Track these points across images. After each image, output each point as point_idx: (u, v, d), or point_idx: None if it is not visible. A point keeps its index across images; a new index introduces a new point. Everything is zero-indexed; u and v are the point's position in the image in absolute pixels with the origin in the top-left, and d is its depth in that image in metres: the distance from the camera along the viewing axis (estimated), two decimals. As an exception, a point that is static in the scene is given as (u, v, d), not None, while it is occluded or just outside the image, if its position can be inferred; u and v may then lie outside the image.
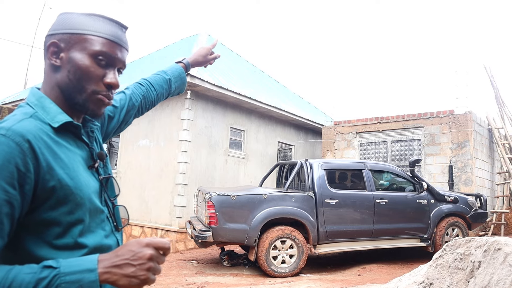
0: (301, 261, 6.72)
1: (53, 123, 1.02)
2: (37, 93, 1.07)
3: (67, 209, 0.97)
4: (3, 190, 0.86)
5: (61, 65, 1.06)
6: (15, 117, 0.98)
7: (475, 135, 10.14)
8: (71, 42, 1.05)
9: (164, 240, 0.95)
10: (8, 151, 0.88)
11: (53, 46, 1.05)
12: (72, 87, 1.06)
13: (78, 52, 1.05)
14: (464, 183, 9.75)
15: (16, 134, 0.91)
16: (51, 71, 1.07)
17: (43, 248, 0.95)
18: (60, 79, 1.06)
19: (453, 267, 4.56)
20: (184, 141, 9.73)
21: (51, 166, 0.95)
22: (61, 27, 1.06)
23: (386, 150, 11.14)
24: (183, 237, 9.48)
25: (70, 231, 0.98)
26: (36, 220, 0.95)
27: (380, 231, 7.23)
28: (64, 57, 1.05)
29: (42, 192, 0.94)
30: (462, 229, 7.72)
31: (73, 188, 0.98)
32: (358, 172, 7.55)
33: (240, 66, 14.67)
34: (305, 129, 13.78)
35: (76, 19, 1.07)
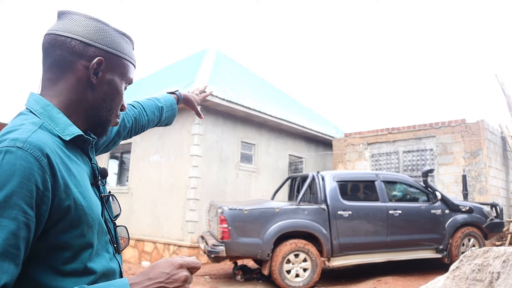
0: (315, 275, 6.65)
1: (64, 135, 0.93)
2: (42, 100, 0.95)
3: (79, 232, 0.88)
4: (22, 211, 0.77)
5: (97, 83, 0.98)
6: (25, 126, 0.87)
7: (488, 143, 10.03)
8: (112, 63, 0.99)
9: (195, 259, 0.91)
10: (27, 167, 0.79)
11: (98, 63, 0.97)
12: (105, 109, 1.01)
13: (118, 76, 1.01)
14: (479, 192, 9.62)
15: (34, 147, 0.81)
16: (82, 84, 0.97)
17: (49, 275, 0.85)
18: (92, 98, 0.99)
19: (471, 278, 4.47)
20: (195, 156, 9.74)
21: (67, 184, 0.86)
22: (101, 40, 0.98)
23: (398, 160, 11.06)
24: (195, 252, 9.44)
25: (80, 256, 0.89)
26: (46, 244, 0.85)
27: (394, 242, 7.14)
28: (103, 77, 0.99)
29: (57, 213, 0.84)
30: (478, 239, 7.60)
31: (86, 209, 0.90)
32: (370, 183, 7.49)
33: (249, 79, 14.74)
34: (315, 142, 13.74)
35: (115, 37, 1.01)
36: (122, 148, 12.01)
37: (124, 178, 11.92)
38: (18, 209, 0.76)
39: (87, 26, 0.97)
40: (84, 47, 0.96)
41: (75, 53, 0.95)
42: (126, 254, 10.84)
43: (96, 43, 0.97)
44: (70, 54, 0.95)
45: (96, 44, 0.97)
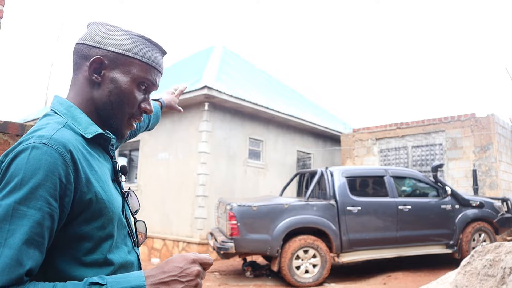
0: (325, 271, 6.64)
1: (86, 133, 1.00)
2: (65, 102, 1.03)
3: (100, 224, 0.94)
4: (47, 202, 0.83)
5: (101, 82, 1.03)
6: (50, 125, 0.94)
7: (498, 137, 9.93)
8: (116, 62, 1.03)
9: (208, 255, 0.94)
10: (51, 161, 0.85)
11: (96, 62, 1.01)
12: (111, 108, 1.05)
13: (123, 74, 1.04)
14: (489, 187, 9.54)
15: (58, 143, 0.88)
16: (87, 85, 1.04)
17: (71, 265, 0.91)
18: (98, 97, 1.04)
19: (482, 274, 4.44)
20: (203, 153, 9.75)
21: (88, 178, 0.93)
22: (105, 41, 1.03)
23: (406, 155, 10.99)
24: (204, 249, 9.46)
25: (100, 247, 0.95)
26: (68, 235, 0.91)
27: (404, 238, 7.10)
28: (106, 76, 1.03)
29: (79, 205, 0.90)
30: (489, 234, 7.54)
31: (106, 202, 0.96)
32: (379, 178, 7.45)
33: (256, 75, 14.71)
34: (323, 137, 13.69)
35: (123, 38, 1.04)
36: (130, 146, 12.05)
37: (132, 175, 11.96)
38: (43, 201, 0.83)
39: (95, 31, 1.04)
40: (89, 50, 1.02)
41: (83, 56, 1.03)
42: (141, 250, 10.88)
43: (100, 45, 1.02)
44: (80, 57, 1.04)
45: (100, 46, 1.02)
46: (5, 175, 0.85)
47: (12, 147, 0.89)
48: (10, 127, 3.08)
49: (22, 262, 0.79)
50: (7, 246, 0.78)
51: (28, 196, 0.82)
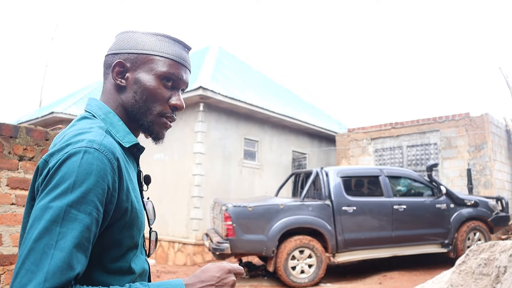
0: (320, 271, 6.64)
1: (124, 142, 1.01)
2: (104, 107, 1.04)
3: (131, 233, 0.95)
4: (96, 208, 0.84)
5: (127, 85, 1.04)
6: (95, 130, 0.94)
7: (492, 136, 9.98)
8: (137, 62, 1.04)
9: (240, 266, 0.98)
10: (102, 167, 0.86)
11: (118, 66, 1.03)
12: (138, 108, 1.04)
13: (145, 73, 1.04)
14: (484, 186, 9.58)
15: (108, 150, 0.89)
16: (115, 91, 1.05)
17: (95, 271, 0.90)
18: (125, 100, 1.04)
19: (477, 273, 4.45)
20: (199, 153, 9.74)
21: (128, 187, 0.94)
22: (126, 46, 1.05)
23: (401, 155, 11.02)
24: (200, 249, 9.45)
25: (127, 255, 0.96)
26: (101, 241, 0.90)
27: (399, 237, 7.11)
28: (130, 78, 1.04)
29: (117, 213, 0.91)
30: (484, 233, 7.56)
31: (138, 212, 0.97)
32: (374, 178, 7.47)
33: (251, 76, 14.71)
34: (319, 137, 13.71)
35: (142, 39, 1.05)
36: (125, 147, 12.00)
37: (128, 176, 11.92)
38: (93, 206, 0.83)
39: (117, 40, 1.08)
40: (113, 58, 1.05)
41: (108, 65, 1.06)
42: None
43: (120, 51, 1.05)
44: (106, 67, 1.07)
45: (120, 51, 1.05)
46: (55, 176, 0.84)
47: (58, 148, 0.88)
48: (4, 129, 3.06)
49: (72, 265, 0.79)
50: (59, 249, 0.78)
51: (80, 200, 0.82)
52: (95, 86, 15.08)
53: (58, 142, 0.92)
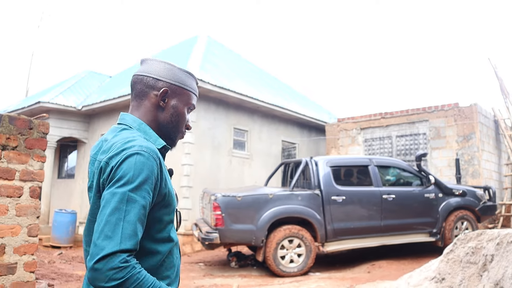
0: (310, 260, 6.65)
1: (156, 144, 1.30)
2: (137, 120, 1.33)
3: (168, 211, 1.26)
4: (148, 193, 1.14)
5: (165, 107, 1.35)
6: (139, 138, 1.24)
7: (481, 127, 10.03)
8: (176, 92, 1.36)
9: None
10: (151, 165, 1.16)
11: (164, 92, 1.33)
12: (172, 126, 1.37)
13: (179, 101, 1.37)
14: (472, 175, 9.65)
15: (153, 152, 1.19)
16: (154, 109, 1.34)
17: (147, 240, 1.19)
18: (162, 118, 1.35)
19: (464, 261, 4.48)
20: (187, 143, 9.67)
21: (165, 178, 1.24)
22: (167, 76, 1.35)
23: (391, 145, 11.05)
24: (189, 239, 9.42)
25: (166, 228, 1.26)
26: (149, 218, 1.19)
27: (388, 227, 7.14)
28: (168, 102, 1.35)
29: (158, 197, 1.21)
30: (472, 222, 7.62)
31: (172, 196, 1.28)
32: (364, 168, 7.47)
33: (241, 66, 14.61)
34: (308, 127, 13.70)
35: (178, 74, 1.37)
36: (113, 137, 11.89)
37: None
38: (146, 192, 1.14)
39: (157, 67, 1.36)
40: (155, 82, 1.34)
41: (149, 86, 1.34)
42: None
43: (164, 78, 1.34)
44: (146, 87, 1.34)
45: (163, 79, 1.34)
46: (118, 172, 1.13)
47: (115, 152, 1.17)
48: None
49: (137, 233, 1.09)
50: (126, 221, 1.08)
51: (137, 187, 1.12)
52: (83, 76, 14.84)
53: (110, 148, 1.20)
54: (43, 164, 3.66)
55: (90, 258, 1.05)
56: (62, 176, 13.90)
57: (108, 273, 1.02)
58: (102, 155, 1.21)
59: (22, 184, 3.51)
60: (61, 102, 11.94)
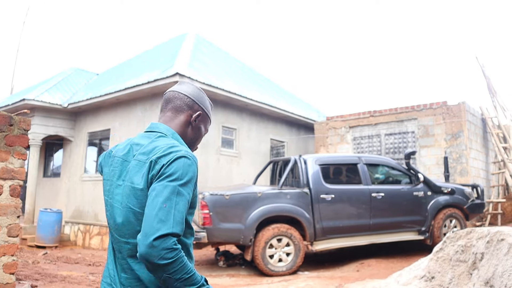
0: (298, 259, 6.59)
1: None
2: (170, 130, 1.52)
3: (192, 211, 1.43)
4: (191, 191, 1.33)
5: (193, 126, 1.58)
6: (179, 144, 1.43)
7: (469, 125, 10.06)
8: (203, 116, 1.61)
9: None
10: (193, 167, 1.35)
11: (199, 114, 1.57)
12: (193, 141, 1.61)
13: (203, 125, 1.62)
14: (460, 174, 9.67)
15: (194, 157, 1.38)
16: (185, 123, 1.56)
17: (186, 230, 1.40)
18: (189, 132, 1.58)
19: (454, 259, 4.45)
20: (175, 141, 9.54)
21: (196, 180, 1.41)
22: (201, 101, 1.60)
23: (379, 143, 11.04)
24: (177, 239, 9.31)
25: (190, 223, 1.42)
26: None
27: (377, 225, 7.11)
28: (197, 123, 1.59)
29: (192, 197, 1.38)
30: (460, 220, 7.63)
31: (196, 198, 1.45)
32: (353, 166, 7.42)
33: (229, 64, 14.51)
34: (297, 125, 13.64)
35: (207, 103, 1.64)
36: (100, 135, 11.75)
37: (103, 165, 11.65)
38: (190, 189, 1.33)
39: (195, 91, 1.60)
40: (193, 103, 1.58)
41: (188, 105, 1.57)
42: (107, 242, 10.65)
43: (199, 103, 1.59)
44: (185, 105, 1.57)
45: (198, 103, 1.59)
46: (168, 169, 1.30)
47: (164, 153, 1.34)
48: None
49: (183, 222, 1.27)
50: (177, 210, 1.25)
51: (185, 184, 1.30)
52: (69, 73, 14.61)
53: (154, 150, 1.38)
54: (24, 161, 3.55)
55: (145, 236, 1.19)
56: (48, 175, 13.68)
57: (162, 252, 1.17)
58: (142, 156, 1.38)
59: (1, 183, 3.40)
60: (47, 99, 11.73)
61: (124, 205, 1.37)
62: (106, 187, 1.49)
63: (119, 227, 1.38)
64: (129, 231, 1.36)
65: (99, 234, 10.96)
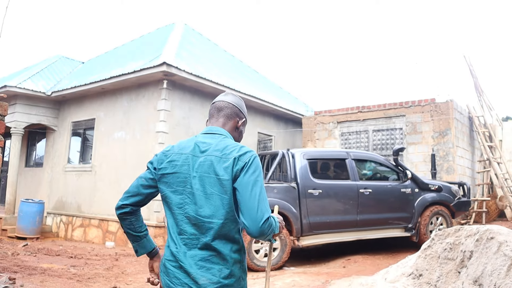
0: (284, 254, 6.51)
1: None
2: (227, 133, 1.83)
3: None
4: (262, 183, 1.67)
5: (239, 130, 1.92)
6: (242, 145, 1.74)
7: (456, 123, 10.08)
8: (245, 123, 1.94)
9: None
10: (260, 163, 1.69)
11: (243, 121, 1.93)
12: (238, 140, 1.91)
13: (243, 128, 1.95)
14: (446, 171, 9.69)
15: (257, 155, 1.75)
16: (233, 127, 1.88)
17: None
18: (234, 135, 1.89)
19: (442, 257, 4.40)
20: (161, 132, 9.39)
21: None
22: (244, 112, 1.95)
23: (367, 139, 11.01)
24: (162, 231, 9.17)
25: None
26: None
27: (364, 221, 7.07)
28: (241, 128, 1.92)
29: None
30: (446, 218, 7.63)
31: None
32: (341, 161, 7.36)
33: (218, 55, 14.33)
34: (285, 119, 13.55)
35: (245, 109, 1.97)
36: (85, 125, 11.52)
37: (87, 155, 11.45)
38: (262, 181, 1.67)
39: (239, 102, 1.93)
40: (239, 112, 1.90)
41: (236, 113, 1.89)
42: (90, 234, 10.47)
43: (243, 112, 1.93)
44: (234, 113, 1.88)
45: (243, 112, 1.93)
46: (252, 165, 1.63)
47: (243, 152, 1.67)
48: None
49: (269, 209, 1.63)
50: (265, 198, 1.63)
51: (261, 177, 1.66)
52: (54, 61, 14.28)
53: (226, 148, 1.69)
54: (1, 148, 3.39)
55: (254, 222, 1.56)
56: (30, 165, 13.40)
57: (268, 230, 1.60)
58: (217, 152, 1.68)
59: (-23, 171, 3.24)
60: (30, 87, 11.45)
61: (210, 192, 1.64)
62: (179, 179, 1.70)
63: (204, 210, 1.64)
64: (214, 213, 1.63)
65: (82, 225, 10.77)
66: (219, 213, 1.62)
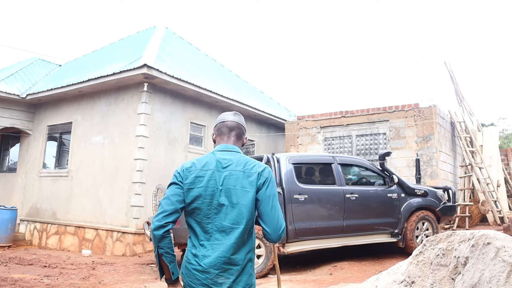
0: (269, 262, 6.31)
1: None
2: (238, 148, 2.06)
3: None
4: None
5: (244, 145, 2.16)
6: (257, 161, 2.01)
7: (439, 128, 10.07)
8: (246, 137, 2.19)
9: None
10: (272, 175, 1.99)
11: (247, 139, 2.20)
12: None
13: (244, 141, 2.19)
14: (430, 176, 9.65)
15: None
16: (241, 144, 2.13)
17: None
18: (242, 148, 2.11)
19: (435, 263, 4.24)
20: (141, 136, 9.11)
21: None
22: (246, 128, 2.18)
23: (351, 144, 10.92)
24: (141, 239, 8.87)
25: None
26: None
27: (350, 227, 6.91)
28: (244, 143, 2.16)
29: None
30: (432, 223, 7.54)
31: None
32: (327, 166, 7.19)
33: (199, 59, 14.11)
34: (267, 124, 13.40)
35: None
36: (61, 128, 11.16)
37: (63, 160, 11.07)
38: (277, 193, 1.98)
39: (244, 122, 2.19)
40: (244, 131, 2.16)
41: (243, 132, 2.15)
42: (65, 242, 10.08)
43: (245, 129, 2.18)
44: (242, 133, 2.14)
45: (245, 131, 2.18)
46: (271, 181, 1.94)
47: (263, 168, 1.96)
48: None
49: None
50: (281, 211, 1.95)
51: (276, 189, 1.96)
52: (30, 63, 13.85)
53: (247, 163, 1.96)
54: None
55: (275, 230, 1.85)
56: (3, 170, 12.91)
57: (284, 235, 1.89)
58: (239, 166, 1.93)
59: None
60: (3, 89, 11.04)
61: (236, 202, 1.86)
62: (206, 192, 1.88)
63: (232, 218, 1.85)
64: (240, 219, 1.85)
65: (57, 233, 10.37)
66: (243, 220, 1.85)
